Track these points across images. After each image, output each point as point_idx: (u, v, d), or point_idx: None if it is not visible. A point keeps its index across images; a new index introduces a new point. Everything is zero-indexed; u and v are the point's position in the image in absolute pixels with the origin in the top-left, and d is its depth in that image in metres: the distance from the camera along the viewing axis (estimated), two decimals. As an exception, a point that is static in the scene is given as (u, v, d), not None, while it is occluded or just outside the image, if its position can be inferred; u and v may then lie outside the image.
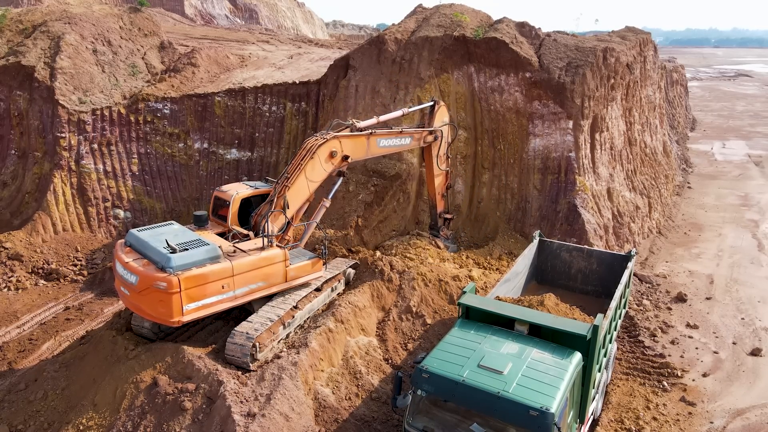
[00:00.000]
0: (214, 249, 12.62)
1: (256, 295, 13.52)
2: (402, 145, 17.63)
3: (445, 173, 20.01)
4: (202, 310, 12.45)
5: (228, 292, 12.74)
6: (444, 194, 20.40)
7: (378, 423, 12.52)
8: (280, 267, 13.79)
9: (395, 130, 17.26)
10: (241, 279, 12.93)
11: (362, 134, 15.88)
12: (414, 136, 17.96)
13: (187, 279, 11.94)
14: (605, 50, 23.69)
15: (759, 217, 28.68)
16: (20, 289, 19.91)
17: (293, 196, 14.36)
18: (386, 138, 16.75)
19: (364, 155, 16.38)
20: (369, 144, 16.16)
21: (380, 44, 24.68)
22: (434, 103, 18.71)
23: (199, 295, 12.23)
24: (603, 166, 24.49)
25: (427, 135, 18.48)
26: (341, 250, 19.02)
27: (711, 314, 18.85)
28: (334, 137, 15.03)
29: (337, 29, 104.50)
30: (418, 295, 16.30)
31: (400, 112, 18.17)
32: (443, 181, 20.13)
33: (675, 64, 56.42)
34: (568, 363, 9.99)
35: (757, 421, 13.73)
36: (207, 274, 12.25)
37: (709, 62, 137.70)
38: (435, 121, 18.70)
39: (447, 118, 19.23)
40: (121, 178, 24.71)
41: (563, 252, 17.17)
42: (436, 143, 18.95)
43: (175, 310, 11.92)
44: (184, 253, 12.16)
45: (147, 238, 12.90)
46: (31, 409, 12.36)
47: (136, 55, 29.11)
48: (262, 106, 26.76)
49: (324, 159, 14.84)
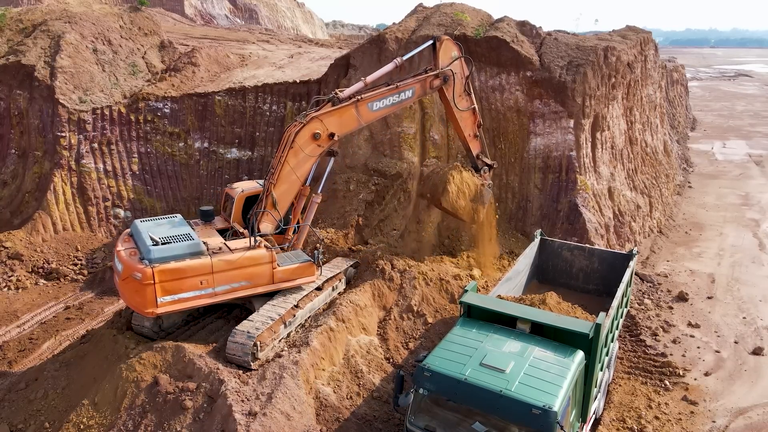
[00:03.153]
0: (197, 244, 12.64)
1: (239, 294, 13.34)
2: (403, 100, 15.43)
3: (471, 111, 17.02)
4: (178, 304, 12.46)
5: (207, 288, 12.64)
6: (477, 134, 17.44)
7: (379, 422, 12.48)
8: (266, 268, 13.37)
9: (388, 87, 15.01)
10: (222, 277, 12.78)
11: (347, 104, 14.20)
12: (415, 86, 15.55)
13: (162, 272, 12.01)
14: (606, 49, 23.67)
15: (760, 216, 28.66)
16: (20, 288, 19.88)
17: (281, 192, 13.84)
18: (379, 99, 14.76)
19: (356, 126, 14.73)
20: (359, 112, 14.46)
21: (381, 43, 24.64)
22: (434, 41, 15.93)
23: (175, 289, 12.27)
24: (604, 165, 24.47)
25: (432, 80, 15.86)
26: (343, 248, 18.99)
27: (712, 313, 18.83)
28: (312, 118, 13.72)
29: (337, 29, 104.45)
30: (419, 294, 16.27)
31: (392, 64, 15.63)
32: (471, 120, 17.16)
33: (675, 64, 56.39)
34: (570, 361, 9.95)
35: (759, 420, 13.71)
36: (184, 269, 12.26)
37: (709, 62, 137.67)
38: (441, 61, 15.98)
39: (455, 52, 16.18)
40: (121, 177, 24.68)
41: (564, 251, 17.14)
42: (449, 85, 16.21)
43: (149, 301, 12.04)
44: (165, 246, 12.32)
45: (143, 229, 13.12)
46: (32, 409, 12.32)
47: (136, 54, 29.08)
48: (263, 106, 26.72)
49: (306, 145, 13.73)
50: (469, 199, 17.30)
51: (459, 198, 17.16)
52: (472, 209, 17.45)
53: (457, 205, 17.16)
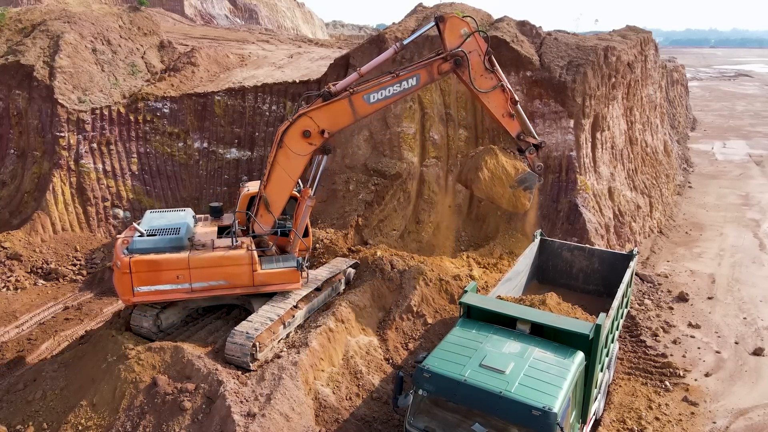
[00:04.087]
0: (180, 239, 13.02)
1: (218, 292, 13.41)
2: (406, 89, 13.82)
3: (499, 89, 14.58)
4: (155, 295, 12.91)
5: (183, 283, 12.90)
6: (511, 113, 14.94)
7: (379, 423, 12.45)
8: (245, 269, 13.22)
9: (387, 76, 13.66)
10: (199, 273, 12.91)
11: (338, 99, 13.28)
12: (420, 72, 13.83)
13: (137, 263, 12.54)
14: (606, 49, 23.64)
15: (760, 216, 28.62)
16: (19, 288, 19.84)
17: (274, 192, 13.68)
18: (376, 90, 13.47)
19: (350, 120, 13.68)
20: (354, 106, 13.35)
21: (381, 43, 24.59)
22: (437, 21, 13.85)
23: (152, 280, 12.69)
24: (604, 165, 24.44)
25: (440, 64, 13.96)
26: (342, 249, 18.95)
27: (713, 314, 18.79)
28: (300, 115, 13.17)
29: (336, 29, 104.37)
30: (418, 295, 16.23)
31: (390, 50, 14.06)
32: (501, 99, 14.66)
33: (675, 64, 56.37)
34: (570, 362, 9.92)
35: (759, 421, 13.66)
36: (159, 262, 12.66)
37: (709, 62, 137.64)
38: (448, 42, 13.91)
39: (465, 29, 13.94)
40: (120, 177, 24.65)
41: (564, 251, 17.09)
42: (463, 68, 14.03)
43: (125, 289, 12.69)
44: (148, 238, 12.87)
45: (146, 219, 13.81)
46: (30, 410, 12.27)
47: (135, 54, 29.05)
48: (262, 106, 26.69)
49: (295, 144, 13.23)
50: (507, 185, 15.61)
51: (494, 184, 15.63)
52: (512, 196, 15.69)
53: (493, 193, 15.69)
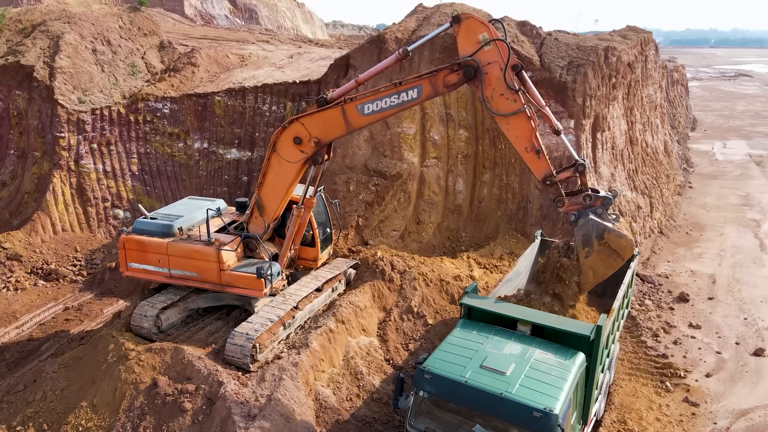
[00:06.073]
0: (170, 226, 14.16)
1: (191, 284, 14.12)
2: (405, 102, 12.01)
3: (523, 115, 11.59)
4: (143, 273, 14.42)
5: (163, 267, 14.02)
6: (537, 149, 11.85)
7: (379, 424, 12.43)
8: (212, 266, 13.54)
9: (386, 86, 12.11)
10: (175, 261, 13.83)
11: (330, 107, 12.25)
12: (422, 84, 11.80)
13: (128, 240, 14.17)
14: (607, 49, 23.62)
15: (761, 216, 28.59)
16: (19, 289, 19.82)
17: (267, 197, 13.64)
18: (371, 101, 12.04)
19: (342, 132, 12.59)
20: (346, 116, 12.18)
21: (381, 43, 24.58)
22: (452, 23, 11.48)
23: (139, 259, 14.16)
24: (604, 165, 24.42)
25: (447, 75, 11.66)
26: (342, 250, 18.93)
27: (713, 314, 18.77)
28: (291, 121, 12.66)
29: (336, 29, 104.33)
30: (419, 295, 16.21)
31: (392, 57, 12.28)
32: (525, 128, 11.74)
33: (675, 64, 56.32)
34: (571, 364, 9.89)
35: (760, 422, 13.65)
36: (144, 243, 14.02)
37: (709, 62, 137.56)
38: (462, 48, 11.50)
39: (485, 34, 11.29)
40: (120, 177, 24.64)
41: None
42: (476, 81, 11.55)
43: (121, 262, 14.52)
44: (146, 221, 14.37)
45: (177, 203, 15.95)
46: (30, 410, 12.26)
47: (135, 54, 29.03)
48: (263, 106, 26.67)
49: (286, 150, 12.79)
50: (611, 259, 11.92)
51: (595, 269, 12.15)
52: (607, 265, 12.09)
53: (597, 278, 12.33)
